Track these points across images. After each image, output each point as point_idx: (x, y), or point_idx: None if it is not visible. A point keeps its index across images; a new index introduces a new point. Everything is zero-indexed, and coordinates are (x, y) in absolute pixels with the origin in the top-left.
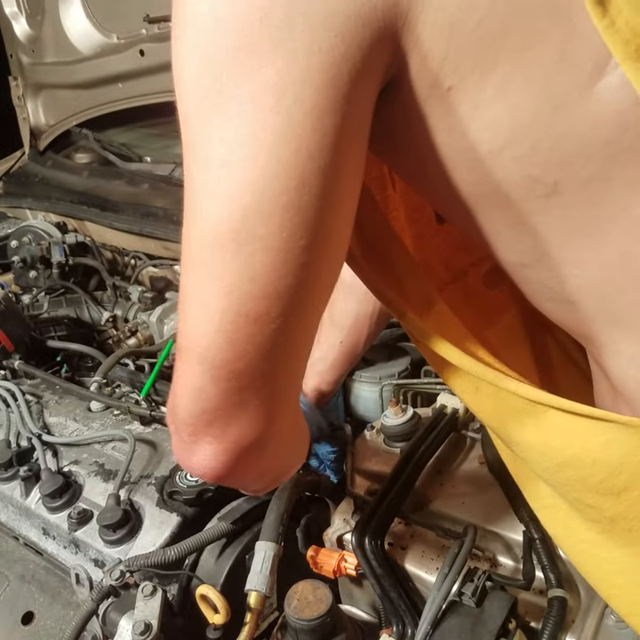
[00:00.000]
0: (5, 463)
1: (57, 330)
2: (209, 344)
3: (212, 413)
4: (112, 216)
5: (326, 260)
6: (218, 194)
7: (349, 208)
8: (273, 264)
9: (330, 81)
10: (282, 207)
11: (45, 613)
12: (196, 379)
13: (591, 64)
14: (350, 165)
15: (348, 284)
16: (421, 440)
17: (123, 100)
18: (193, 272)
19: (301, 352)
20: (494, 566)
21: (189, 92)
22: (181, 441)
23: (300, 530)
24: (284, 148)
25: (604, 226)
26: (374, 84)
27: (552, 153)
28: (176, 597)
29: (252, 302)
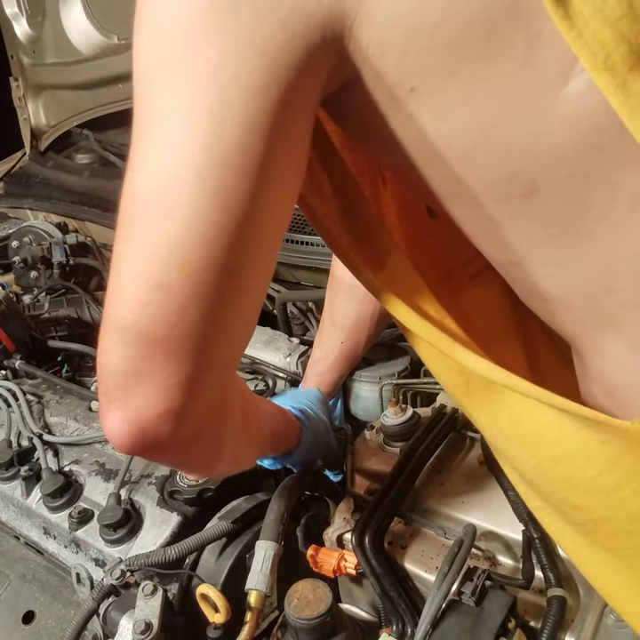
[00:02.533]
0: (6, 463)
1: (58, 330)
2: (121, 305)
3: (123, 376)
4: (113, 216)
5: (249, 248)
6: (150, 165)
7: (283, 198)
8: (188, 241)
9: (268, 65)
10: (206, 180)
11: (46, 613)
12: (110, 338)
13: (557, 68)
14: (285, 152)
15: (349, 285)
16: (421, 440)
17: (123, 101)
18: (120, 235)
19: (223, 334)
20: (494, 565)
21: (140, 64)
22: (101, 404)
23: (300, 529)
24: (215, 123)
25: (587, 226)
26: (318, 78)
27: (525, 154)
28: (176, 596)
29: (165, 271)
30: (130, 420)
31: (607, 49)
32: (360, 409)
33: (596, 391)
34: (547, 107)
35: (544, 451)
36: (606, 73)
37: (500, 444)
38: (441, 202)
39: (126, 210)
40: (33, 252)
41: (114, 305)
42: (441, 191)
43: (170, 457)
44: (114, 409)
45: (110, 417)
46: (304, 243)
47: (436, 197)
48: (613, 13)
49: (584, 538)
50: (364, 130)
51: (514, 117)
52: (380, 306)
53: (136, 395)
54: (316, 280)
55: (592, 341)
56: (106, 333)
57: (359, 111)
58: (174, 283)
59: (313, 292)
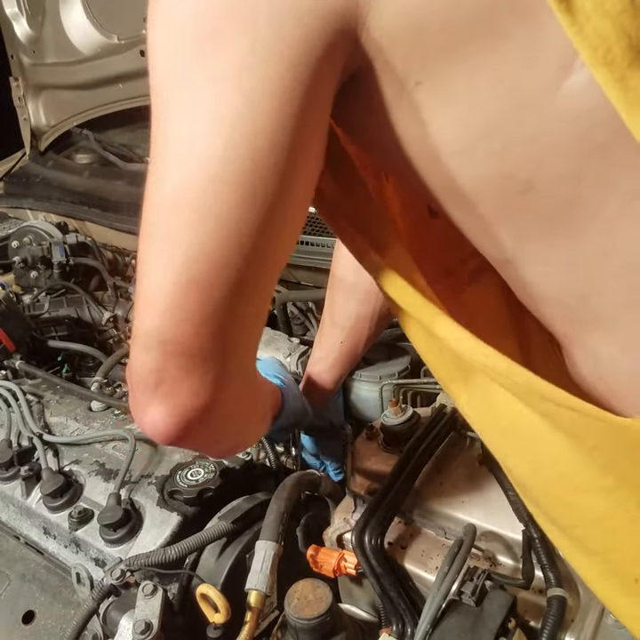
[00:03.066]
0: (6, 463)
1: (58, 330)
2: (154, 304)
3: (160, 375)
4: (113, 216)
5: (277, 238)
6: (176, 164)
7: (305, 192)
8: (220, 236)
9: (289, 64)
10: (236, 185)
11: (46, 612)
12: (145, 338)
13: (557, 63)
14: (308, 147)
15: (350, 284)
16: (421, 440)
17: (123, 101)
18: (148, 237)
19: (249, 325)
20: (494, 565)
21: (159, 69)
22: (135, 399)
23: (300, 529)
24: (243, 127)
25: (580, 224)
26: (335, 75)
27: (523, 150)
28: (176, 596)
29: (197, 268)
30: (172, 415)
31: (607, 43)
32: (360, 409)
33: (588, 390)
34: (546, 102)
35: (542, 449)
36: (606, 68)
37: (497, 443)
38: (439, 200)
39: (152, 213)
40: (33, 252)
41: (148, 305)
42: (439, 190)
43: (206, 439)
44: (155, 405)
45: (152, 413)
46: (304, 243)
47: (435, 196)
48: (614, 8)
49: (572, 542)
50: (366, 127)
51: (514, 112)
52: (381, 306)
53: (177, 391)
54: (316, 280)
55: (584, 341)
56: (141, 333)
57: (364, 105)
58: (206, 282)
59: (313, 292)
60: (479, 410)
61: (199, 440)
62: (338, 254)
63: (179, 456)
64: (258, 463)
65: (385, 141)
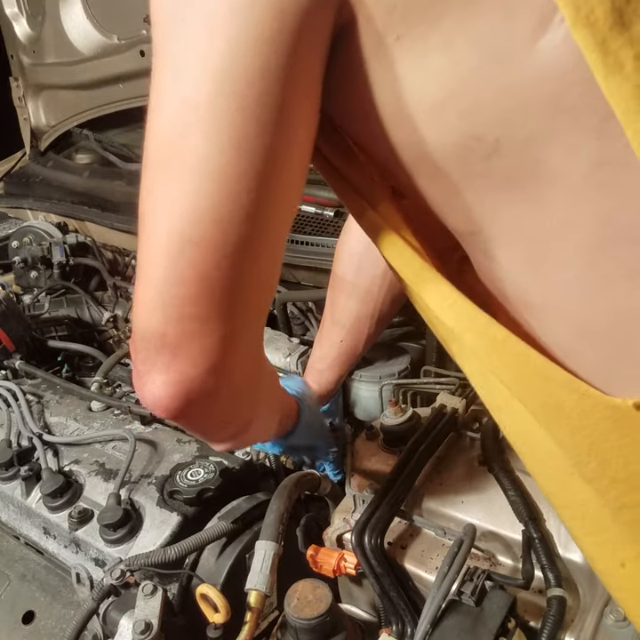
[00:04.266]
0: (6, 463)
1: (58, 330)
2: (155, 265)
3: (163, 338)
4: (113, 216)
5: (272, 192)
6: (166, 114)
7: (300, 143)
8: (212, 188)
9: (277, 12)
10: (222, 132)
11: (46, 613)
12: (146, 302)
13: (535, 19)
14: (299, 99)
15: (350, 283)
16: (421, 440)
17: (123, 101)
18: (144, 192)
19: (253, 287)
20: (493, 565)
21: (157, 19)
22: (136, 368)
23: (299, 529)
24: (229, 74)
25: (543, 192)
26: (324, 32)
27: (493, 109)
28: (176, 596)
29: (196, 224)
30: (174, 382)
31: (590, 4)
32: (360, 409)
33: None
34: (520, 58)
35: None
36: (587, 29)
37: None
38: (405, 171)
39: (148, 164)
40: (33, 252)
41: (148, 267)
42: (407, 156)
43: (210, 417)
44: (156, 373)
45: (152, 382)
46: (304, 243)
47: (402, 166)
48: None
49: (568, 521)
50: (343, 90)
51: (488, 68)
52: (381, 305)
53: (179, 356)
54: (315, 280)
55: (541, 328)
56: (142, 296)
57: (343, 66)
58: (204, 236)
59: (313, 292)
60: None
61: (202, 415)
62: (339, 253)
63: (179, 456)
64: (258, 463)
65: (360, 104)
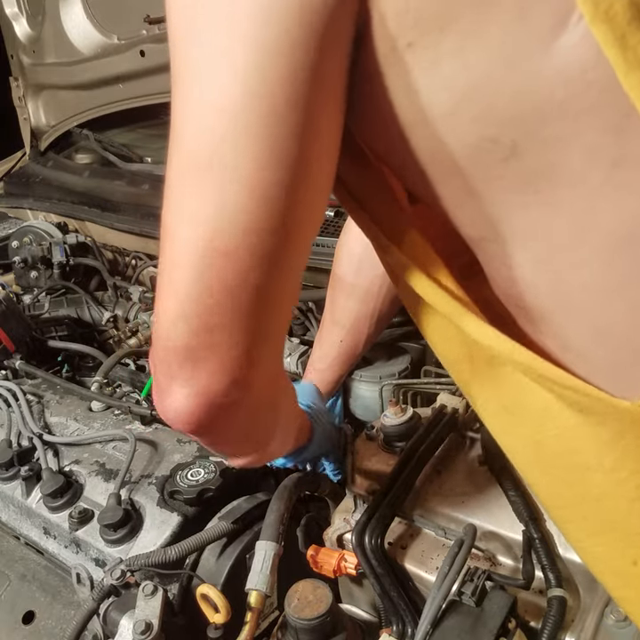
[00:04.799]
0: (6, 463)
1: (58, 330)
2: (179, 277)
3: (184, 352)
4: (113, 216)
5: (302, 200)
6: (194, 121)
7: (328, 148)
8: (243, 197)
9: (306, 14)
10: (253, 137)
11: (46, 613)
12: (169, 313)
13: (551, 20)
14: (327, 103)
15: (350, 284)
16: (421, 440)
17: (123, 101)
18: (170, 202)
19: (278, 299)
20: (494, 566)
21: (177, 20)
22: (157, 381)
23: (300, 529)
24: (257, 76)
25: (562, 195)
26: (348, 28)
27: (509, 111)
28: (177, 597)
29: (224, 235)
30: (196, 396)
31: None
32: (360, 409)
33: None
34: (536, 61)
35: (547, 426)
36: (606, 24)
37: (502, 424)
38: (421, 177)
39: (175, 174)
40: (33, 252)
41: (172, 279)
42: (422, 163)
43: (231, 432)
44: (178, 387)
45: (173, 396)
46: None
47: (418, 171)
48: None
49: (569, 524)
50: (361, 96)
51: (502, 71)
52: (381, 305)
53: (201, 369)
54: (315, 280)
55: (555, 331)
56: (165, 308)
57: (360, 70)
58: (233, 247)
59: (313, 292)
60: (487, 391)
61: (221, 431)
62: (339, 253)
63: (179, 456)
64: None
65: (376, 108)
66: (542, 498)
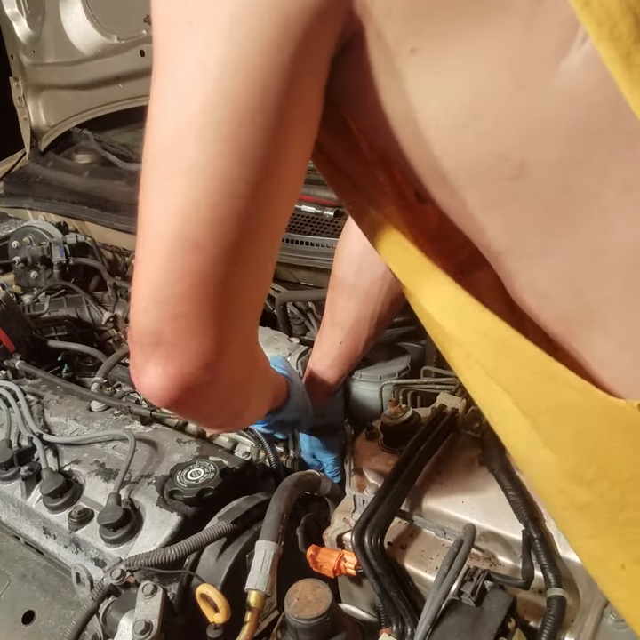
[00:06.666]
0: (6, 463)
1: (58, 330)
2: (150, 265)
3: (157, 335)
4: (113, 216)
5: (269, 197)
6: (166, 115)
7: (298, 151)
8: (210, 190)
9: (283, 19)
10: (221, 135)
11: (46, 612)
12: (141, 300)
13: (556, 40)
14: (299, 108)
15: (350, 285)
16: (421, 440)
17: (123, 101)
18: (144, 193)
19: (248, 287)
20: (493, 565)
21: (159, 19)
22: (133, 360)
23: (299, 529)
24: (232, 77)
25: (576, 214)
26: (330, 36)
27: (516, 131)
28: (176, 596)
29: (191, 226)
30: (169, 376)
31: (614, 19)
32: (360, 409)
33: None
34: (542, 81)
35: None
36: (611, 43)
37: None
38: (428, 185)
39: (147, 167)
40: (33, 252)
41: (145, 266)
42: (428, 173)
43: (205, 407)
44: (153, 365)
45: (149, 373)
46: (304, 243)
47: (423, 180)
48: None
49: (565, 525)
50: (355, 100)
51: (508, 91)
52: (381, 307)
53: (174, 352)
54: (316, 280)
55: (578, 340)
56: (139, 294)
57: (356, 78)
58: (202, 237)
59: (313, 292)
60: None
61: (196, 406)
62: (339, 255)
63: (179, 456)
64: (258, 463)
65: (375, 117)
66: (542, 497)
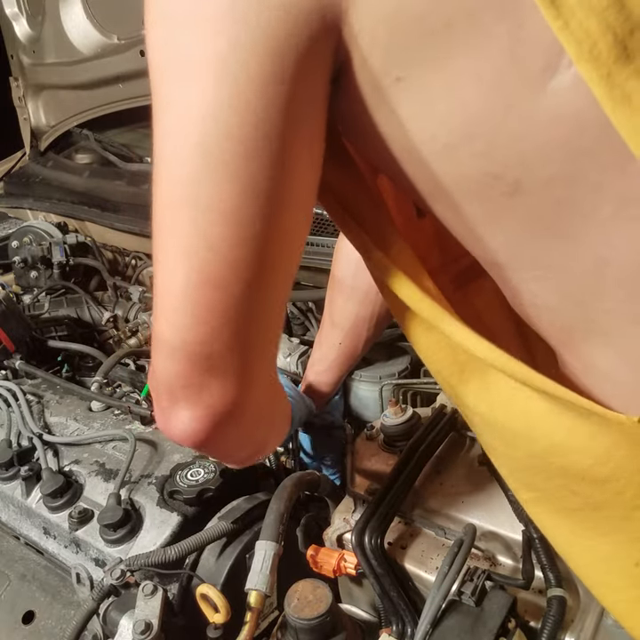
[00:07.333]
0: (6, 463)
1: (58, 330)
2: (175, 308)
3: (185, 379)
4: (113, 216)
5: (284, 229)
6: (172, 158)
7: (306, 181)
8: (225, 232)
9: (276, 51)
10: (229, 175)
11: (46, 613)
12: (167, 343)
13: (542, 62)
14: (303, 139)
15: (349, 286)
16: (421, 440)
17: (123, 101)
18: (156, 237)
19: (269, 322)
20: (494, 565)
21: (154, 55)
22: (160, 406)
23: (299, 529)
24: (230, 114)
25: (575, 228)
26: (324, 64)
27: (509, 151)
28: (176, 597)
29: (212, 268)
30: (200, 417)
31: (593, 38)
32: (360, 409)
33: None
34: (531, 103)
35: (538, 441)
36: (591, 64)
37: (493, 435)
38: (426, 201)
39: (156, 212)
40: (33, 252)
41: (167, 310)
42: (425, 190)
43: (233, 442)
44: (182, 409)
45: (179, 417)
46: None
47: (421, 196)
48: (599, 3)
49: (580, 524)
50: (353, 126)
51: (499, 113)
52: (380, 307)
53: (202, 392)
54: (315, 280)
55: (579, 351)
56: (162, 339)
57: (347, 104)
58: (219, 280)
59: (313, 292)
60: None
61: (225, 444)
62: (338, 255)
63: (179, 456)
64: (258, 463)
65: (370, 140)
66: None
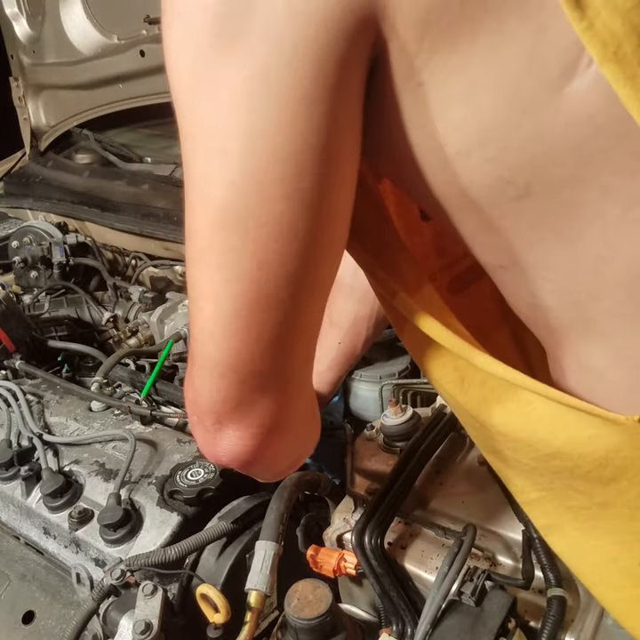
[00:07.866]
0: (6, 463)
1: (58, 330)
2: (223, 332)
3: (234, 400)
4: (113, 216)
5: (330, 241)
6: (219, 182)
7: (348, 191)
8: (278, 249)
9: (316, 68)
10: (281, 194)
11: (46, 613)
12: (214, 368)
13: (560, 66)
14: (346, 150)
15: (348, 285)
16: (421, 440)
17: (123, 101)
18: (201, 263)
19: (312, 333)
20: (494, 565)
21: (184, 80)
22: (206, 431)
23: (299, 529)
24: (278, 135)
25: (579, 229)
26: (360, 71)
27: (522, 155)
28: (176, 597)
29: (262, 287)
30: (249, 437)
31: (618, 39)
32: (360, 409)
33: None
34: (547, 106)
35: (538, 446)
36: (617, 65)
37: (494, 440)
38: (434, 205)
39: (196, 238)
40: (33, 252)
41: (209, 338)
42: (435, 193)
43: (279, 456)
44: (230, 430)
45: (227, 440)
46: None
47: (430, 200)
48: (624, 4)
49: (586, 523)
50: (376, 127)
51: (514, 117)
52: (379, 307)
53: (252, 413)
54: None
55: (576, 351)
56: (205, 368)
57: (376, 102)
58: (262, 304)
59: None
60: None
61: (270, 460)
62: None
63: (179, 456)
64: None
65: (392, 142)
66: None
